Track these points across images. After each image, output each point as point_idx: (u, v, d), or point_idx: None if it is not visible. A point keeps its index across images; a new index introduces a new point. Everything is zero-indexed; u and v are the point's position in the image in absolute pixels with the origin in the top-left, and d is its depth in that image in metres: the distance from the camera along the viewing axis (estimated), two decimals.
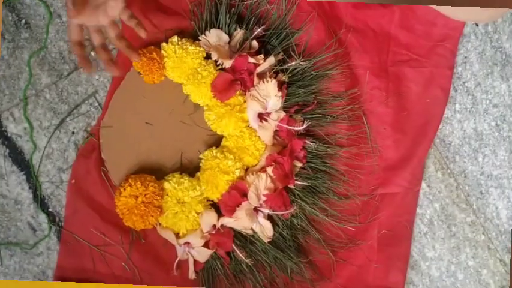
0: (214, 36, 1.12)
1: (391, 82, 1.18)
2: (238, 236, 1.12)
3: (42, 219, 1.18)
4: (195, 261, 1.12)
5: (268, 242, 1.12)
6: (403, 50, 1.18)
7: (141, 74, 1.11)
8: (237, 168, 1.10)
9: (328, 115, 1.15)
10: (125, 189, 1.09)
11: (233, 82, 1.10)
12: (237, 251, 1.11)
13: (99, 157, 1.14)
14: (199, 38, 1.13)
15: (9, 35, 1.17)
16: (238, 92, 1.11)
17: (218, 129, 1.12)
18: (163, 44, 1.12)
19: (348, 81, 1.16)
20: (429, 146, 1.19)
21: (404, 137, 1.18)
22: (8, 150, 1.16)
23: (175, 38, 1.11)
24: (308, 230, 1.15)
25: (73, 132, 1.17)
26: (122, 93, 1.15)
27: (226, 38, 1.12)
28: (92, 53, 1.16)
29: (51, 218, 1.17)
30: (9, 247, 1.17)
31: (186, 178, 1.12)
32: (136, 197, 1.09)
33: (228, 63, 1.10)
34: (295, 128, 1.11)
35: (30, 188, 1.17)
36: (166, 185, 1.11)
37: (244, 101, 1.11)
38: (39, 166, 1.17)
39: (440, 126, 1.21)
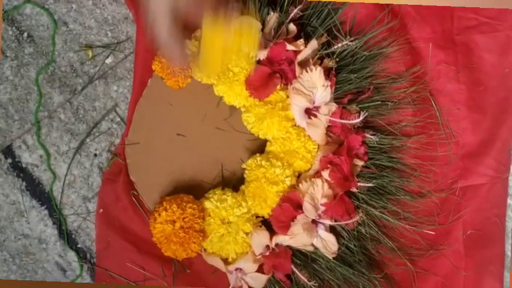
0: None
1: (460, 53, 1.09)
2: (297, 254, 1.05)
3: (72, 257, 1.10)
4: None
5: (334, 258, 1.04)
6: (470, 13, 1.09)
7: (163, 78, 1.03)
8: (286, 177, 1.02)
9: (388, 101, 1.08)
10: (159, 215, 1.00)
11: (271, 76, 1.02)
12: (297, 272, 1.03)
13: (127, 180, 1.07)
14: None
15: (12, 52, 1.09)
16: (278, 87, 1.02)
17: (260, 132, 1.04)
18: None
19: (408, 58, 1.09)
20: None
21: (483, 116, 1.10)
22: (24, 183, 1.10)
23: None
24: (379, 239, 1.07)
25: (95, 155, 1.10)
26: (145, 103, 1.07)
27: (258, 24, 1.01)
28: (107, 61, 1.09)
29: (82, 255, 1.10)
30: None
31: (229, 194, 1.03)
32: (174, 222, 1.00)
33: (263, 54, 1.01)
34: (351, 122, 1.02)
35: (54, 223, 1.10)
36: (206, 204, 1.03)
37: (287, 97, 1.03)
38: (61, 197, 1.10)
39: None
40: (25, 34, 1.08)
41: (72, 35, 1.09)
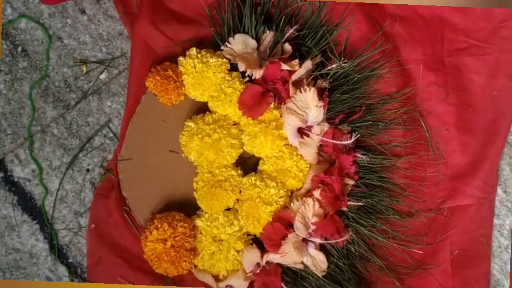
0: (239, 43, 1.03)
1: (450, 75, 1.10)
2: (287, 272, 1.04)
3: (62, 272, 1.09)
4: None
5: (323, 276, 1.03)
6: (461, 36, 1.09)
7: (156, 95, 1.03)
8: (281, 197, 1.02)
9: (379, 121, 1.07)
10: (151, 233, 1.00)
11: (264, 94, 1.02)
12: None
13: (119, 195, 1.07)
14: (222, 47, 1.03)
15: (6, 66, 1.09)
16: (272, 106, 1.02)
17: (254, 150, 1.03)
18: (180, 58, 1.03)
19: (399, 80, 1.09)
20: (502, 145, 1.10)
21: (472, 138, 1.10)
22: (16, 198, 1.09)
23: (193, 50, 1.02)
24: (368, 257, 1.07)
25: (88, 170, 1.09)
26: (139, 119, 1.06)
27: (253, 43, 1.03)
28: (101, 76, 1.08)
29: (72, 269, 1.09)
30: None
31: (221, 212, 1.03)
32: (165, 240, 1.00)
33: (258, 73, 1.01)
34: (343, 142, 1.02)
35: (45, 238, 1.09)
36: (198, 222, 1.03)
37: (281, 116, 1.02)
38: (53, 212, 1.09)
39: None
40: (19, 48, 1.08)
41: (66, 50, 1.08)
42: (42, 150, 1.08)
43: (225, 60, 1.02)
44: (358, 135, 1.02)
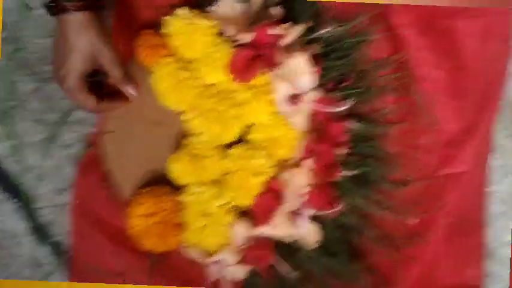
0: (225, 6, 1.00)
1: (442, 38, 1.06)
2: (279, 245, 1.02)
3: (47, 251, 1.06)
4: (231, 281, 1.03)
5: (316, 248, 1.02)
6: None
7: (144, 64, 1.01)
8: (271, 167, 1.00)
9: (371, 88, 1.04)
10: (136, 208, 0.98)
11: (255, 58, 0.99)
12: (280, 263, 1.01)
13: (103, 170, 1.04)
14: (207, 9, 1.00)
15: None
16: (262, 71, 0.99)
17: (247, 117, 1.01)
18: (166, 17, 0.99)
19: (390, 45, 1.05)
20: (495, 109, 1.08)
21: (465, 103, 1.07)
22: None
23: (182, 10, 0.99)
24: (362, 228, 1.05)
25: (68, 145, 1.05)
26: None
27: (241, 6, 1.00)
28: None
29: (56, 248, 1.06)
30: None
31: (208, 184, 1.00)
32: (151, 215, 0.97)
33: (247, 38, 0.98)
34: (337, 109, 1.00)
35: (26, 216, 1.05)
36: (185, 195, 1.00)
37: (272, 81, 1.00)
38: (33, 190, 1.05)
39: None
40: None
41: (42, 20, 1.04)
42: (20, 125, 1.04)
43: (215, 22, 0.99)
44: (354, 102, 1.00)
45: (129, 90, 0.98)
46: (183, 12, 0.98)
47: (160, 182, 1.01)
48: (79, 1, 0.88)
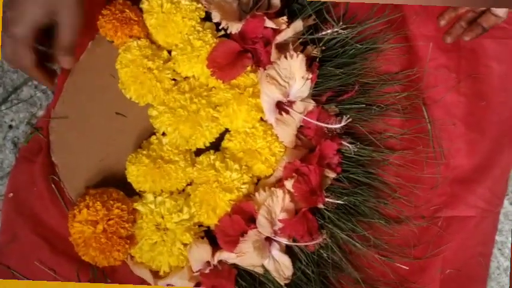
0: None
1: (464, 59, 1.01)
2: (243, 275, 0.96)
3: None
4: None
5: (286, 285, 0.95)
6: None
7: (112, 42, 0.92)
8: (244, 183, 0.91)
9: (374, 105, 0.99)
10: (80, 212, 0.87)
11: (241, 54, 0.92)
12: None
13: (48, 160, 0.96)
14: None
15: None
16: (248, 69, 0.92)
17: (223, 120, 0.94)
18: None
19: (404, 58, 1.01)
20: None
21: (482, 137, 1.02)
22: None
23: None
24: (343, 267, 0.98)
25: (11, 126, 0.98)
26: (82, 70, 0.95)
27: None
28: None
29: None
30: None
31: (168, 194, 0.93)
32: (96, 223, 0.87)
33: (236, 27, 0.91)
34: (330, 126, 0.93)
35: None
36: (140, 204, 0.91)
37: (258, 82, 0.93)
38: None
39: None
40: None
41: None
42: None
43: (200, 5, 0.91)
44: (350, 120, 0.93)
45: (64, 62, 0.89)
46: None
47: (116, 185, 0.93)
48: None
